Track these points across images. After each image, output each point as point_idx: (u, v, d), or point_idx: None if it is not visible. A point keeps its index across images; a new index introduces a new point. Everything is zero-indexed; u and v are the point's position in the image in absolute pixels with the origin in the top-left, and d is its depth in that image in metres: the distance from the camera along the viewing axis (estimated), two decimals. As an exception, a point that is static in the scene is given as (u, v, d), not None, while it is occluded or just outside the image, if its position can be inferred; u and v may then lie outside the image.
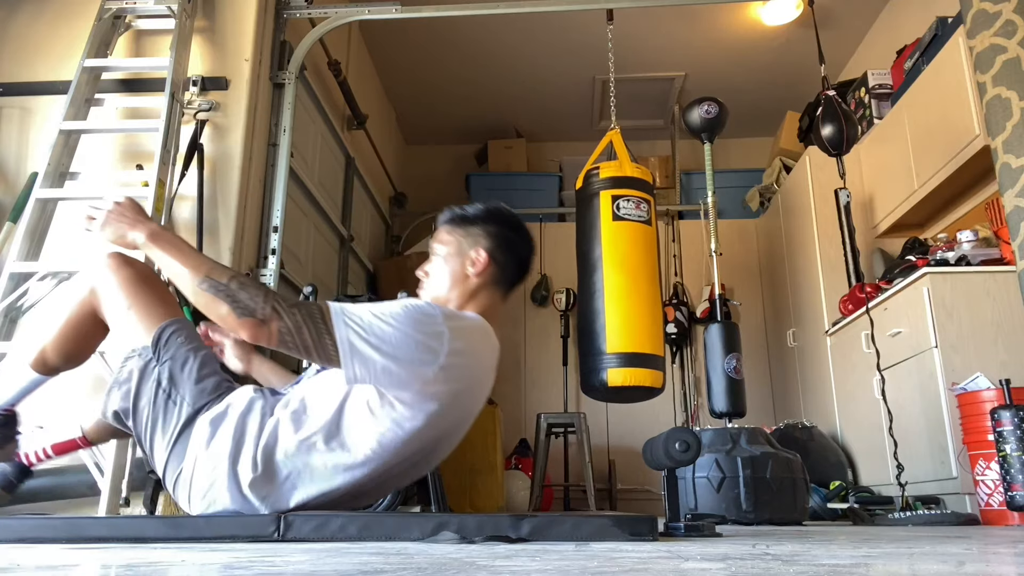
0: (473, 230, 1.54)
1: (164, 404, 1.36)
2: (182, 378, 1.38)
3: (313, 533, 1.14)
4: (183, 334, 1.42)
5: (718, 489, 2.45)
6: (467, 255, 1.51)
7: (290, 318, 1.22)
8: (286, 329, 1.21)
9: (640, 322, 2.90)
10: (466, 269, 1.50)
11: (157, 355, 1.39)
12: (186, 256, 1.28)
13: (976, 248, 2.92)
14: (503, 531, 1.14)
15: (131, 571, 0.72)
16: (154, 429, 1.36)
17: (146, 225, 1.34)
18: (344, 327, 1.23)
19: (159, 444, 1.36)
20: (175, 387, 1.37)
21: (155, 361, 1.39)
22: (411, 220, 5.31)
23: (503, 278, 1.54)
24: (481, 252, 1.50)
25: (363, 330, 1.24)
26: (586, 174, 3.16)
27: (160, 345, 1.40)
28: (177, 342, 1.40)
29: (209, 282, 1.23)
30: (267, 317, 1.21)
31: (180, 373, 1.38)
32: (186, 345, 1.41)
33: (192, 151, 2.71)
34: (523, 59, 4.80)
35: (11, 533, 1.13)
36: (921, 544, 1.20)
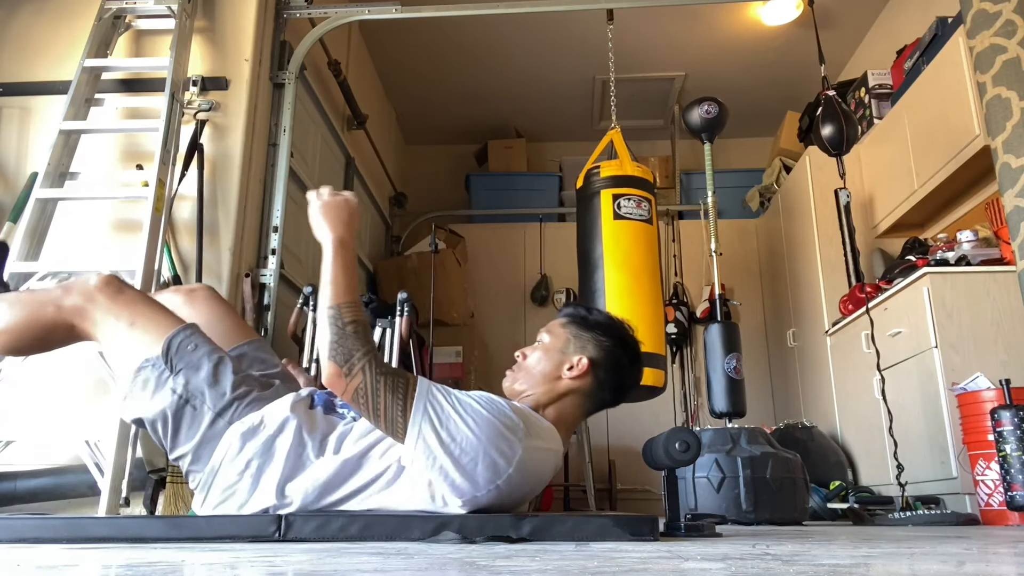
0: (586, 335, 1.47)
1: (184, 411, 1.36)
2: (199, 383, 1.37)
3: (313, 533, 1.14)
4: (192, 341, 1.43)
5: (718, 489, 2.45)
6: (569, 356, 1.44)
7: (372, 381, 1.22)
8: (363, 390, 1.21)
9: (641, 321, 2.88)
10: (563, 369, 1.43)
11: (170, 364, 1.39)
12: (344, 279, 1.31)
13: (976, 248, 2.92)
14: (504, 531, 1.14)
15: (131, 571, 0.72)
16: (176, 436, 1.36)
17: (343, 233, 1.37)
18: (422, 413, 1.21)
19: (183, 448, 1.36)
20: (193, 393, 1.37)
21: (168, 370, 1.39)
22: (411, 220, 5.31)
23: (595, 394, 1.45)
24: (584, 360, 1.43)
25: (439, 423, 1.21)
26: (587, 173, 3.16)
27: (171, 354, 1.40)
28: (187, 349, 1.41)
29: (336, 312, 1.26)
30: (351, 372, 1.22)
31: (196, 378, 1.38)
32: (198, 351, 1.41)
33: (192, 151, 2.71)
34: (523, 59, 4.80)
35: (11, 533, 1.13)
36: (921, 544, 1.20)
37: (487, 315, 4.91)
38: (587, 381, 1.43)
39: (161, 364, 1.39)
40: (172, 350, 1.40)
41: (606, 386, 1.45)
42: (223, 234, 2.73)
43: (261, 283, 2.89)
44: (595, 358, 1.43)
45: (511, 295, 5.01)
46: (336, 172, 4.08)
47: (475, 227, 5.20)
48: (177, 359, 1.39)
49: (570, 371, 1.42)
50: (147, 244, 2.31)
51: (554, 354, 1.45)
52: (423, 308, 3.90)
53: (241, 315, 2.74)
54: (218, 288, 2.66)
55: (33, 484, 2.19)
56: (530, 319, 4.94)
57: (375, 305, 2.72)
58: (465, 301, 4.71)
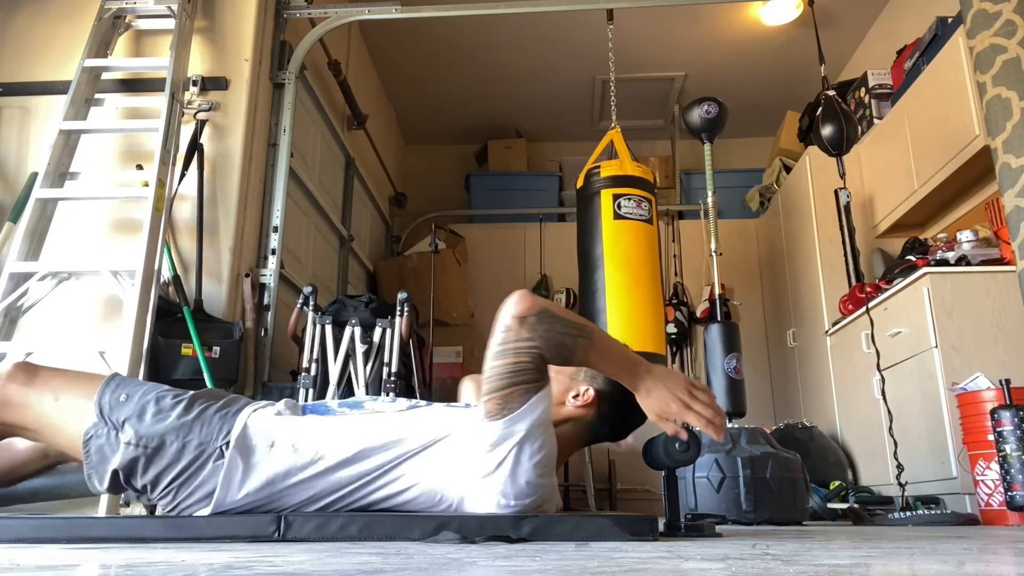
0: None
1: (153, 459, 1.31)
2: (149, 427, 1.33)
3: (313, 533, 1.14)
4: (121, 391, 1.38)
5: (718, 489, 2.45)
6: (578, 384, 1.42)
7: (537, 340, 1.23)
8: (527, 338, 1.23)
9: (642, 320, 2.90)
10: (568, 395, 1.41)
11: (110, 423, 1.34)
12: (610, 346, 1.29)
13: (976, 248, 2.92)
14: (504, 531, 1.14)
15: (131, 571, 0.72)
16: (156, 484, 1.32)
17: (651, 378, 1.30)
18: (539, 408, 1.24)
19: (166, 484, 1.32)
20: (149, 437, 1.32)
21: (114, 429, 1.34)
22: (411, 220, 5.31)
23: (595, 427, 1.43)
24: (591, 391, 1.41)
25: (540, 425, 1.25)
26: (587, 173, 3.16)
27: (107, 414, 1.35)
28: (119, 401, 1.36)
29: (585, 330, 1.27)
30: (538, 323, 1.23)
31: (142, 424, 1.33)
32: (132, 398, 1.37)
33: (192, 151, 2.71)
34: (523, 59, 4.80)
35: (11, 533, 1.13)
36: (921, 544, 1.20)
37: (487, 315, 4.87)
38: (590, 412, 1.41)
39: (103, 427, 1.34)
40: (107, 410, 1.35)
41: (607, 421, 1.43)
42: (223, 234, 2.73)
43: (261, 283, 2.89)
44: (603, 391, 1.41)
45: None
46: (336, 172, 4.08)
47: (475, 227, 5.20)
48: (116, 415, 1.34)
49: (575, 399, 1.40)
50: (147, 244, 2.32)
51: (563, 379, 1.43)
52: (423, 308, 3.90)
53: (242, 315, 2.74)
54: (218, 288, 2.67)
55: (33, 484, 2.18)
56: (530, 319, 4.93)
57: (375, 305, 2.72)
58: (465, 301, 4.71)
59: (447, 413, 1.38)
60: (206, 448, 1.32)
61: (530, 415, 1.23)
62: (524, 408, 1.23)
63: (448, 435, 1.31)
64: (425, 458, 1.31)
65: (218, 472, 1.29)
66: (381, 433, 1.33)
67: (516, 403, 1.22)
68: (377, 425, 1.35)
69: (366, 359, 2.61)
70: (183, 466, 1.31)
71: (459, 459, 1.29)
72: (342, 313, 2.67)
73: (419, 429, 1.33)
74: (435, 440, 1.31)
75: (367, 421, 1.37)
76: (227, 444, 1.31)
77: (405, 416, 1.37)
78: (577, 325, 1.25)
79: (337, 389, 2.57)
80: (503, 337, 1.23)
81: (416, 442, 1.31)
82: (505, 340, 1.23)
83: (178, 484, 1.32)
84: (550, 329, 1.22)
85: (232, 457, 1.30)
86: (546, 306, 1.25)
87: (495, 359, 1.23)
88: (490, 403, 1.24)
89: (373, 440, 1.32)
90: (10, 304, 2.34)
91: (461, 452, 1.29)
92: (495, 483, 1.25)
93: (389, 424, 1.35)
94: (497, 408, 1.23)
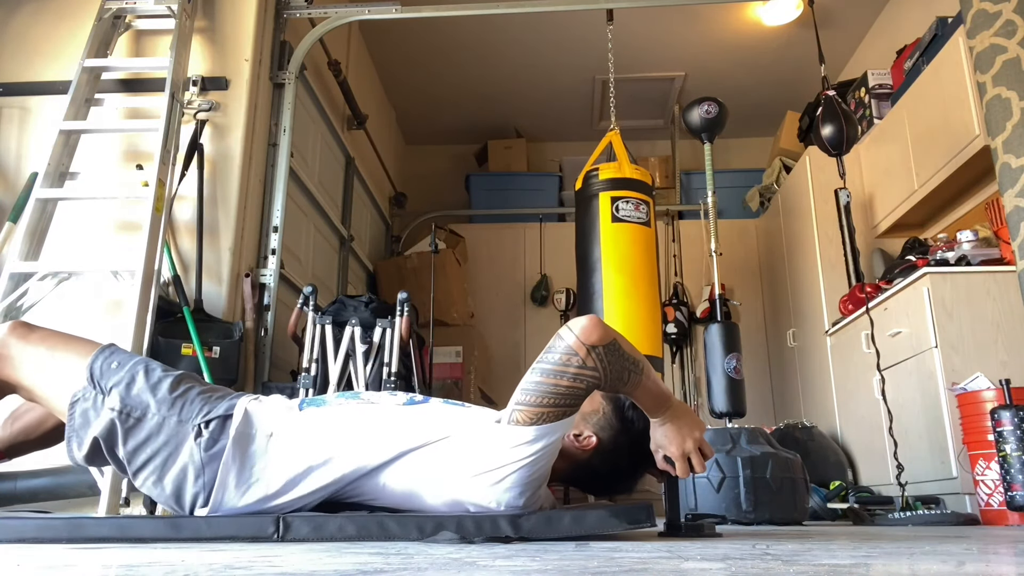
0: (615, 423, 1.40)
1: (133, 429, 1.32)
2: (136, 395, 1.34)
3: (312, 533, 1.14)
4: (114, 359, 1.39)
5: (718, 489, 2.45)
6: (588, 426, 1.39)
7: (586, 371, 1.22)
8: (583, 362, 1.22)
9: (639, 323, 2.90)
10: (571, 435, 1.38)
11: (99, 388, 1.35)
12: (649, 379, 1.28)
13: (976, 248, 2.92)
14: (502, 531, 1.14)
15: (131, 571, 0.72)
16: (133, 458, 1.31)
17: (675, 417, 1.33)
18: (557, 428, 1.24)
19: (142, 455, 1.31)
20: (132, 406, 1.33)
21: (101, 394, 1.35)
22: (411, 220, 5.31)
23: (578, 471, 1.41)
24: (594, 439, 1.39)
25: (548, 446, 1.25)
26: (585, 175, 3.16)
27: (97, 378, 1.36)
28: (111, 368, 1.37)
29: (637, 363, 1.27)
30: (598, 356, 1.22)
31: (130, 392, 1.34)
32: (122, 367, 1.37)
33: (192, 151, 2.71)
34: (523, 59, 4.80)
35: (11, 533, 1.13)
36: (921, 544, 1.20)
37: (487, 315, 4.91)
38: (583, 456, 1.40)
39: (91, 391, 1.35)
40: (97, 374, 1.36)
41: (593, 472, 1.42)
42: (223, 234, 2.73)
43: (261, 283, 2.89)
44: (604, 443, 1.40)
45: (511, 295, 5.01)
46: (336, 172, 4.08)
47: (475, 227, 5.20)
48: (105, 380, 1.35)
49: (577, 438, 1.39)
50: (147, 244, 2.31)
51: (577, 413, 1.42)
52: (423, 308, 3.90)
53: (242, 315, 2.74)
54: (218, 288, 2.67)
55: (33, 484, 2.19)
56: (530, 319, 4.94)
57: (375, 305, 2.72)
58: (465, 301, 4.71)
59: (447, 412, 1.38)
60: (184, 427, 1.31)
61: (554, 435, 1.24)
62: (553, 426, 1.23)
63: (447, 437, 1.31)
64: (418, 457, 1.30)
65: (194, 455, 1.29)
66: (380, 429, 1.33)
67: (549, 420, 1.22)
68: (376, 421, 1.35)
69: (366, 359, 2.61)
70: (160, 443, 1.31)
71: (453, 461, 1.29)
72: (342, 313, 2.67)
73: (418, 428, 1.33)
74: (433, 441, 1.31)
75: (366, 416, 1.36)
76: (205, 424, 1.31)
77: (404, 412, 1.37)
78: (635, 360, 1.25)
79: (337, 389, 2.57)
80: (565, 359, 1.21)
81: (414, 441, 1.31)
82: (567, 363, 1.21)
83: (156, 464, 1.31)
84: (615, 363, 1.22)
85: (230, 448, 1.29)
86: (616, 338, 1.24)
87: (547, 377, 1.21)
88: (522, 413, 1.23)
89: (372, 435, 1.32)
90: (10, 304, 2.34)
91: (457, 454, 1.29)
92: (490, 485, 1.25)
93: (388, 420, 1.35)
94: (527, 420, 1.22)
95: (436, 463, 1.30)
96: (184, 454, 1.30)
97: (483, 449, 1.27)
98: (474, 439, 1.29)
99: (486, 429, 1.30)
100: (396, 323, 2.63)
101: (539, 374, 1.22)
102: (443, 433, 1.31)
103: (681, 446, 1.30)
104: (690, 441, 1.30)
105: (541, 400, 1.22)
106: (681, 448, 1.30)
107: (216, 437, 1.31)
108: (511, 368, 4.71)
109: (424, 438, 1.31)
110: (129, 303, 2.28)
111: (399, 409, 1.38)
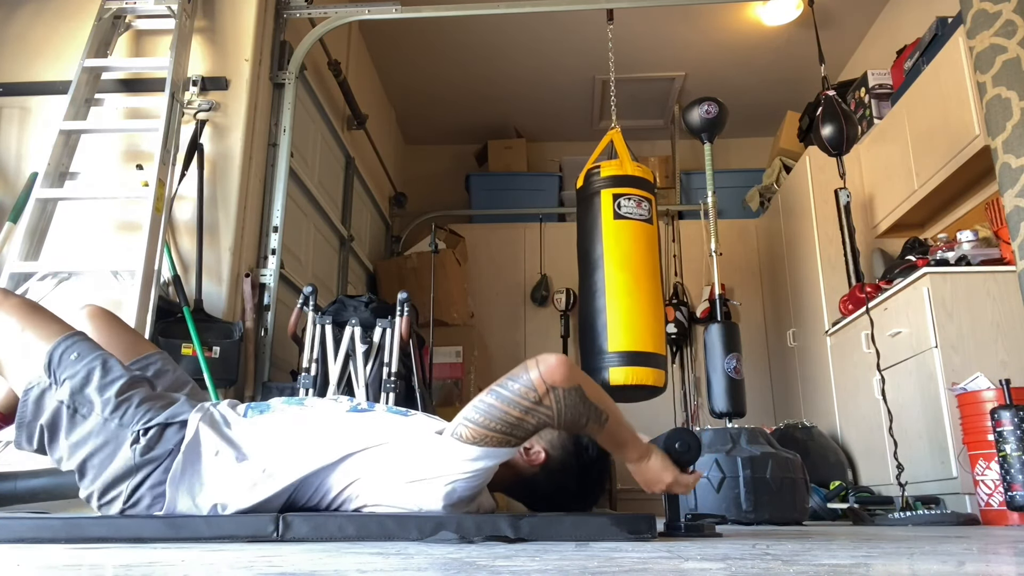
0: (569, 446, 1.40)
1: (76, 423, 1.31)
2: (83, 391, 1.33)
3: (312, 533, 1.14)
4: (75, 349, 1.37)
5: (718, 489, 2.44)
6: (538, 440, 1.39)
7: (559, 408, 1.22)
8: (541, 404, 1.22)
9: (642, 320, 2.90)
10: (521, 447, 1.36)
11: (53, 376, 1.35)
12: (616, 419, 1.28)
13: (976, 248, 2.92)
14: (502, 531, 1.14)
15: (131, 571, 0.72)
16: (73, 453, 1.31)
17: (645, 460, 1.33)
18: (492, 455, 1.24)
19: (75, 453, 1.31)
20: (79, 401, 1.32)
21: (53, 383, 1.34)
22: (411, 220, 5.31)
23: (522, 485, 1.41)
24: (543, 454, 1.39)
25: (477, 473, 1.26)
26: (587, 173, 3.16)
27: (53, 367, 1.35)
28: (70, 359, 1.36)
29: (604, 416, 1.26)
30: (559, 395, 1.22)
31: (79, 386, 1.33)
32: (81, 359, 1.36)
33: (192, 151, 2.71)
34: (523, 59, 4.80)
35: (11, 533, 1.13)
36: (921, 544, 1.20)
37: (487, 315, 4.91)
38: (530, 470, 1.39)
39: (45, 380, 1.35)
40: (54, 362, 1.35)
41: (534, 488, 1.41)
42: (223, 234, 2.73)
43: (261, 283, 2.89)
44: (553, 460, 1.39)
45: (511, 295, 5.01)
46: (336, 172, 4.08)
47: (475, 227, 5.20)
48: (60, 371, 1.35)
49: (526, 452, 1.38)
50: (147, 244, 2.32)
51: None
52: (423, 308, 3.90)
53: (242, 315, 2.74)
54: (218, 288, 2.67)
55: (33, 484, 2.19)
56: (530, 319, 4.94)
57: (375, 305, 2.72)
58: (465, 301, 4.71)
59: (388, 420, 1.38)
60: (124, 432, 1.31)
61: (492, 460, 1.24)
62: (494, 451, 1.23)
63: (385, 443, 1.31)
64: (357, 461, 1.31)
65: (128, 460, 1.29)
66: (321, 435, 1.34)
67: (491, 444, 1.22)
68: (317, 427, 1.35)
69: (366, 359, 2.61)
70: (99, 443, 1.31)
71: (389, 466, 1.29)
72: (342, 313, 2.67)
73: (358, 433, 1.33)
74: (371, 446, 1.31)
75: (307, 423, 1.36)
76: (144, 431, 1.31)
77: (346, 419, 1.38)
78: (597, 410, 1.24)
79: (337, 389, 2.57)
80: (522, 391, 1.21)
81: (353, 446, 1.31)
82: (523, 395, 1.21)
83: (95, 462, 1.31)
84: (572, 408, 1.22)
85: (180, 462, 1.30)
86: (580, 383, 1.23)
87: (501, 402, 1.21)
88: (468, 430, 1.23)
89: (312, 442, 1.32)
90: (10, 304, 2.33)
91: (393, 460, 1.30)
92: (424, 493, 1.26)
93: (329, 426, 1.35)
94: (471, 438, 1.22)
95: (373, 468, 1.30)
96: (120, 458, 1.30)
97: (421, 457, 1.28)
98: (412, 447, 1.30)
99: (426, 438, 1.31)
100: (396, 323, 2.63)
101: (494, 397, 1.22)
102: (382, 439, 1.32)
103: (649, 488, 1.33)
104: (657, 486, 1.32)
105: (488, 423, 1.21)
106: (650, 489, 1.33)
107: (152, 445, 1.31)
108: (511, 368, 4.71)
109: (363, 443, 1.31)
110: (129, 303, 2.28)
111: (342, 415, 1.38)
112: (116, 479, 1.30)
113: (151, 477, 1.30)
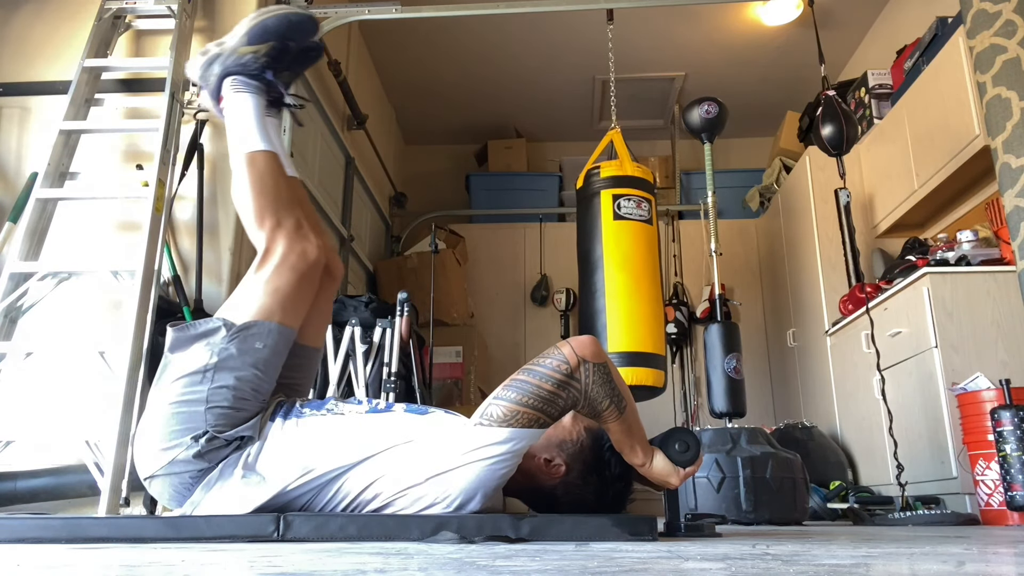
0: (591, 461, 1.38)
1: (195, 385, 1.30)
2: (224, 378, 1.31)
3: (313, 533, 1.14)
4: (267, 339, 1.34)
5: (718, 489, 2.45)
6: (559, 453, 1.37)
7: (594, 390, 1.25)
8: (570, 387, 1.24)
9: (642, 321, 2.90)
10: (543, 454, 1.36)
11: (229, 338, 1.32)
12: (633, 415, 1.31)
13: (976, 248, 2.92)
14: (503, 531, 1.14)
15: (131, 571, 0.72)
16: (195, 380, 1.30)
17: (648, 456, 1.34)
18: (520, 438, 1.24)
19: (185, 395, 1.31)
20: (213, 378, 1.30)
21: (225, 342, 1.32)
22: (411, 220, 5.31)
23: (535, 492, 1.39)
24: (563, 468, 1.36)
25: (509, 455, 1.26)
26: (587, 173, 3.16)
27: (239, 331, 1.33)
28: (254, 345, 1.33)
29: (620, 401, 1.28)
30: (588, 372, 1.25)
31: (225, 374, 1.31)
32: (258, 352, 1.33)
33: (192, 151, 2.71)
34: (523, 59, 4.80)
35: (11, 533, 1.13)
36: (921, 544, 1.20)
37: (487, 315, 4.91)
38: (545, 480, 1.38)
39: (226, 337, 1.32)
40: (246, 329, 1.34)
41: (553, 500, 1.39)
42: (223, 234, 2.73)
43: (261, 283, 2.88)
44: (571, 477, 1.37)
45: (511, 295, 5.01)
46: (336, 172, 4.08)
47: (475, 227, 5.20)
48: (236, 344, 1.32)
49: (546, 462, 1.37)
50: (147, 244, 2.31)
51: (554, 436, 1.38)
52: (423, 308, 3.90)
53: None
54: (218, 288, 2.67)
55: (33, 484, 2.19)
56: (530, 319, 4.94)
57: (375, 305, 2.72)
58: (465, 301, 4.71)
59: (409, 421, 1.37)
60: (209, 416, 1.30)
61: (521, 442, 1.23)
62: (523, 432, 1.23)
63: (411, 440, 1.31)
64: (379, 461, 1.30)
65: (198, 454, 1.28)
66: (343, 438, 1.33)
67: (522, 423, 1.22)
68: (339, 431, 1.34)
69: (366, 359, 2.61)
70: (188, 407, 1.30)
71: (416, 460, 1.28)
72: (342, 313, 2.67)
73: (381, 434, 1.33)
74: (396, 444, 1.31)
75: (336, 428, 1.35)
76: (204, 434, 1.28)
77: (367, 420, 1.37)
78: (620, 396, 1.26)
79: (337, 389, 2.57)
80: (556, 365, 1.23)
81: (376, 447, 1.31)
82: (557, 368, 1.23)
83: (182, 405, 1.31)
84: (599, 385, 1.24)
85: (216, 474, 1.30)
86: (608, 363, 1.27)
87: (534, 378, 1.23)
88: (499, 408, 1.23)
89: (334, 445, 1.31)
90: (10, 304, 2.34)
91: (421, 454, 1.29)
92: (449, 484, 1.25)
93: (351, 429, 1.34)
94: (502, 415, 1.22)
95: (398, 464, 1.29)
96: (187, 438, 1.29)
97: (449, 447, 1.26)
98: (439, 439, 1.29)
99: (453, 429, 1.30)
100: (396, 323, 2.63)
101: (527, 374, 1.24)
102: (407, 437, 1.31)
103: (658, 487, 1.39)
104: (663, 488, 1.38)
105: (522, 398, 1.22)
106: (658, 488, 1.39)
107: (205, 452, 1.29)
108: (511, 368, 4.65)
109: (386, 443, 1.31)
110: (129, 303, 2.28)
111: (362, 417, 1.37)
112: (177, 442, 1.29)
113: (194, 470, 1.30)
